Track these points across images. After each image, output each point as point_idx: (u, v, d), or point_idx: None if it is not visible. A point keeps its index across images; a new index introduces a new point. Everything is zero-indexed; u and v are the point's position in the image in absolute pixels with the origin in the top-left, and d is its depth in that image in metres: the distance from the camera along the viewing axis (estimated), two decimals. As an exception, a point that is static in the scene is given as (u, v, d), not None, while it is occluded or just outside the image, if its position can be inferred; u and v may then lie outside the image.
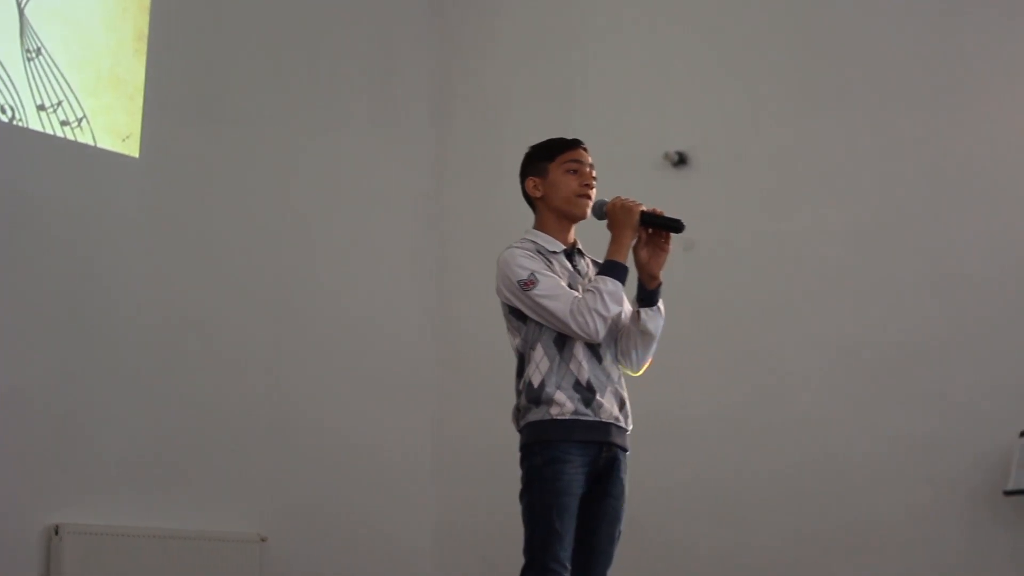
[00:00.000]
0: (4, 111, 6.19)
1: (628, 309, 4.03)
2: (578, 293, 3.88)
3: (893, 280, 6.61)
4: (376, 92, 7.90)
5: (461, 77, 8.21)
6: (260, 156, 7.18)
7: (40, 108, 6.32)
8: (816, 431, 6.66)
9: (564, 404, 3.82)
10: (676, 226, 3.97)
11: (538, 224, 4.06)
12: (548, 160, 4.04)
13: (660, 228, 3.98)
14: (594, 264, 4.09)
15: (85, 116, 6.48)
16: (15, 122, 6.21)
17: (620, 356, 4.02)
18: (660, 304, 4.00)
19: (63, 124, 6.40)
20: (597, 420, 3.87)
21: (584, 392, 3.86)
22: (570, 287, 3.91)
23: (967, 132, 6.55)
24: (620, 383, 4.00)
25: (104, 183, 6.50)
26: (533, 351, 3.89)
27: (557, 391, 3.83)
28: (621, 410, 3.96)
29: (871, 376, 6.57)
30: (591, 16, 7.78)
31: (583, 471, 3.84)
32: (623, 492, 3.97)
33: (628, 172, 6.90)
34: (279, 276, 7.17)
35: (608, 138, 7.21)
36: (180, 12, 6.92)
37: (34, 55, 6.32)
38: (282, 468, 6.97)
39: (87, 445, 6.21)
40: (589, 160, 4.05)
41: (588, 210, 4.01)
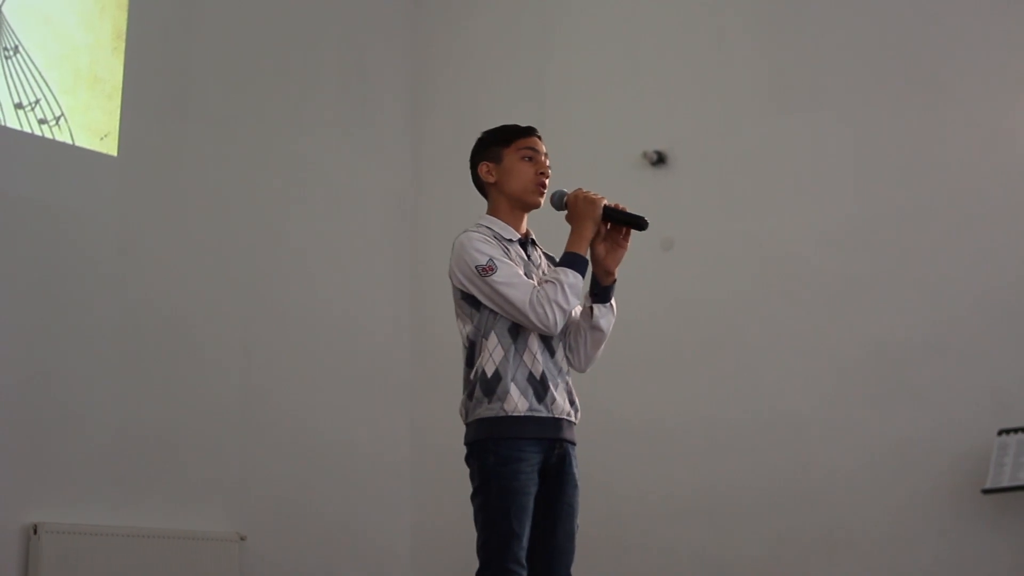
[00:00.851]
0: (-19, 109, 6.18)
1: (578, 306, 3.95)
2: (535, 283, 3.80)
3: (871, 281, 6.62)
4: (352, 91, 7.90)
5: (436, 77, 8.21)
6: (237, 155, 7.17)
7: (18, 106, 6.30)
8: (797, 432, 6.66)
9: (518, 399, 3.74)
10: (639, 223, 3.87)
11: (491, 210, 3.98)
12: (503, 145, 3.97)
13: (623, 224, 3.90)
14: (546, 256, 4.02)
15: (63, 115, 6.46)
16: (-8, 120, 6.20)
17: (568, 352, 3.93)
18: (613, 301, 3.94)
19: (41, 122, 6.38)
20: (550, 416, 3.79)
21: (537, 386, 3.78)
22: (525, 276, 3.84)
23: (944, 132, 6.56)
24: (569, 376, 3.92)
25: (82, 182, 6.49)
26: (486, 340, 3.79)
27: (512, 384, 3.74)
28: (571, 404, 3.89)
29: (849, 377, 6.58)
30: (567, 16, 7.79)
31: (536, 468, 3.77)
32: (576, 487, 3.88)
33: (606, 171, 6.93)
34: (257, 275, 7.17)
35: (586, 137, 7.23)
36: (158, 11, 6.92)
37: (11, 53, 6.30)
38: (261, 467, 6.97)
39: (65, 444, 6.19)
40: (544, 149, 3.98)
41: (542, 200, 3.94)
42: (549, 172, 3.96)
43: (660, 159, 7.21)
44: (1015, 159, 6.40)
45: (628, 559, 6.82)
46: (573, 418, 3.89)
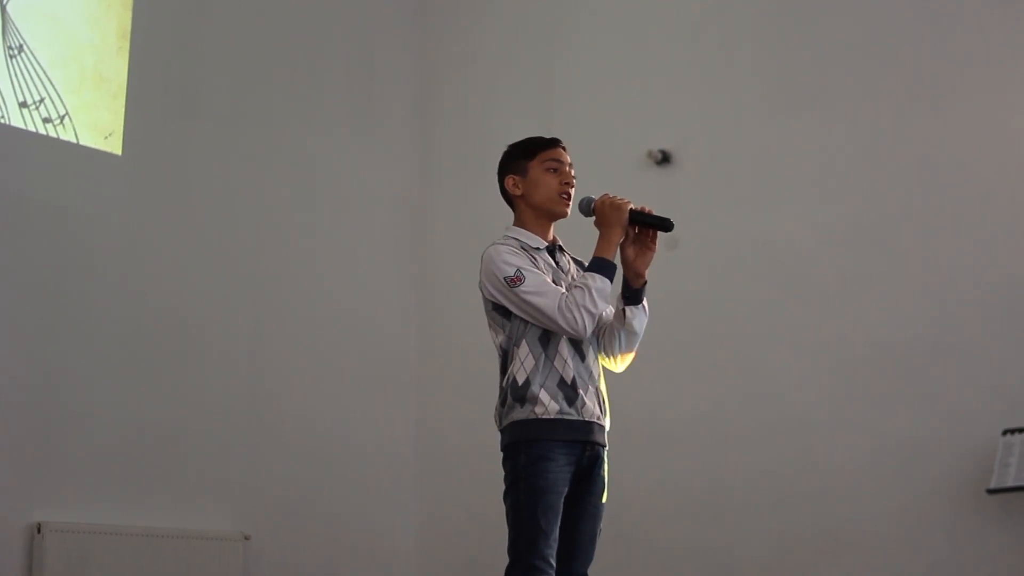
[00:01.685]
0: (-14, 108, 6.18)
1: (610, 308, 4.03)
2: (563, 289, 3.88)
3: (876, 280, 6.61)
4: (358, 90, 7.89)
5: (443, 75, 8.21)
6: (242, 154, 7.17)
7: (23, 105, 6.30)
8: (802, 431, 6.66)
9: (548, 403, 3.83)
10: (665, 225, 3.96)
11: (518, 222, 4.06)
12: (528, 158, 4.04)
13: (649, 227, 3.98)
14: (575, 262, 4.11)
15: (68, 113, 6.46)
16: (-3, 119, 6.20)
17: (603, 352, 4.03)
18: (645, 302, 4.01)
19: (46, 121, 6.38)
20: (580, 419, 3.87)
21: (568, 390, 3.86)
22: (554, 283, 3.91)
23: (948, 131, 6.55)
24: (600, 381, 4.01)
25: (87, 180, 6.49)
26: (518, 348, 3.89)
27: (541, 390, 3.83)
28: (602, 408, 3.97)
29: (855, 375, 6.58)
30: (574, 16, 7.78)
31: (567, 470, 3.85)
32: (603, 489, 3.98)
33: (611, 171, 6.91)
34: (263, 274, 7.17)
35: (591, 137, 7.22)
36: (163, 10, 6.91)
37: (16, 52, 6.30)
38: (265, 466, 6.97)
39: (70, 443, 6.19)
40: (568, 159, 4.06)
41: (568, 209, 4.03)
42: (574, 182, 4.04)
43: (665, 158, 7.21)
44: (1020, 158, 6.39)
45: (632, 557, 6.81)
46: (603, 421, 3.97)
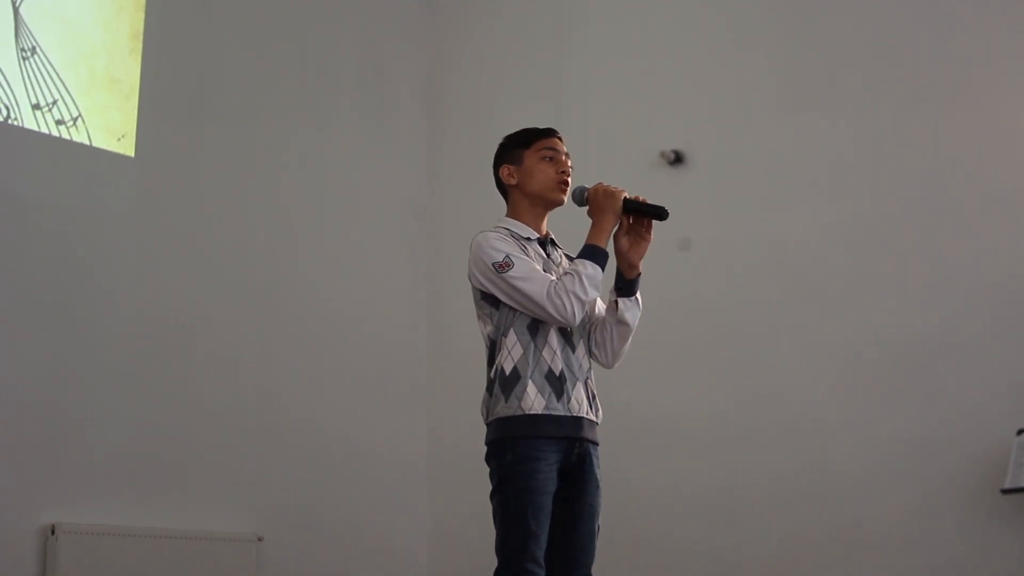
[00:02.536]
0: (-1, 110, 6.19)
1: (602, 303, 3.98)
2: (553, 277, 3.80)
3: (889, 279, 6.60)
4: (369, 90, 7.90)
5: (453, 76, 8.21)
6: (254, 155, 7.18)
7: (35, 107, 6.31)
8: (812, 431, 6.64)
9: (535, 398, 3.74)
10: (660, 213, 3.89)
11: (511, 212, 4.00)
12: (523, 148, 3.99)
13: (644, 215, 3.91)
14: (567, 257, 4.02)
15: (80, 115, 6.46)
16: (10, 121, 6.20)
17: (594, 348, 3.95)
18: (638, 295, 3.94)
19: (58, 123, 6.39)
20: (568, 415, 3.79)
21: (555, 383, 3.77)
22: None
23: (957, 130, 6.54)
24: (590, 375, 3.92)
25: (99, 182, 6.50)
26: (505, 337, 3.81)
27: (529, 382, 3.75)
28: (591, 403, 3.88)
29: (867, 375, 6.56)
30: (584, 16, 7.77)
31: (555, 467, 3.77)
32: (598, 487, 3.88)
33: (624, 171, 6.89)
34: (274, 276, 7.17)
35: (603, 136, 7.22)
36: (175, 11, 6.92)
37: (29, 54, 6.31)
38: (279, 468, 6.97)
39: (83, 444, 6.20)
40: (564, 149, 4.00)
41: (565, 197, 3.96)
42: (570, 171, 3.98)
43: (678, 159, 7.20)
44: (1031, 157, 6.39)
45: (641, 557, 6.80)
46: (594, 417, 3.88)
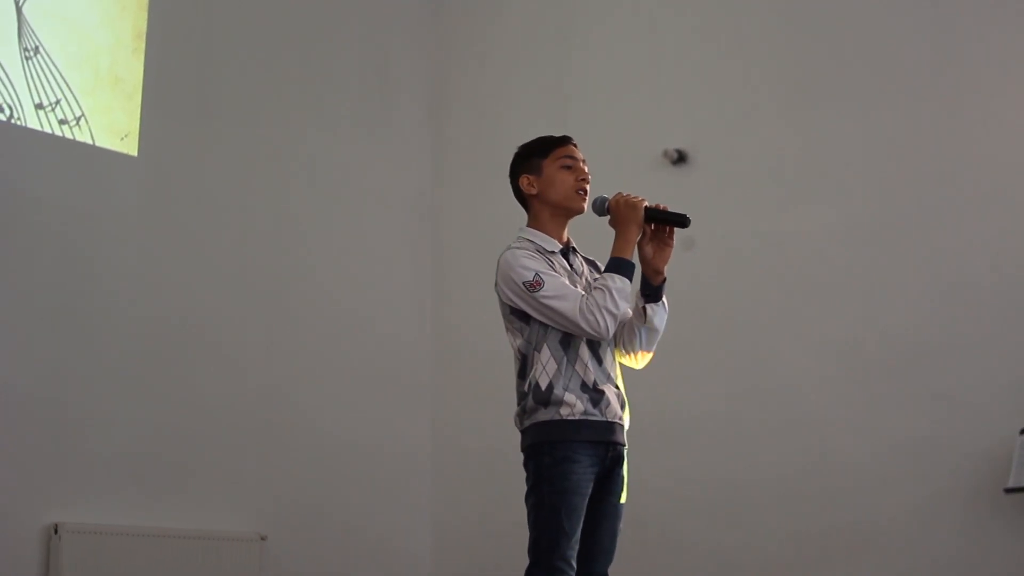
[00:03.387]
0: (2, 110, 6.18)
1: (629, 308, 4.03)
2: (581, 291, 3.87)
3: (893, 278, 6.60)
4: (373, 91, 7.90)
5: (457, 76, 8.21)
6: (258, 155, 7.18)
7: (38, 107, 6.31)
8: (816, 430, 6.65)
9: (574, 404, 3.82)
10: (682, 221, 3.96)
11: (532, 222, 4.04)
12: (542, 157, 4.02)
13: (666, 223, 3.97)
14: (587, 262, 4.09)
15: (83, 115, 6.47)
16: (13, 121, 6.20)
17: (623, 350, 4.02)
18: (664, 299, 4.01)
19: (61, 123, 6.40)
20: (604, 420, 3.87)
21: (592, 393, 3.85)
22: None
23: (968, 131, 6.54)
24: (619, 380, 4.00)
25: (103, 182, 6.50)
26: (539, 353, 3.87)
27: (566, 392, 3.82)
28: (622, 408, 3.97)
29: (871, 374, 6.56)
30: (587, 16, 7.77)
31: (591, 471, 3.85)
32: (623, 488, 3.98)
33: (626, 170, 6.90)
34: (277, 275, 7.17)
35: (606, 136, 7.21)
36: (178, 11, 6.92)
37: (32, 54, 6.32)
38: (282, 467, 6.97)
39: (86, 444, 6.20)
40: (581, 155, 4.04)
41: (585, 205, 4.01)
42: (589, 178, 4.02)
43: (681, 158, 7.19)
44: (1036, 156, 6.38)
45: (647, 554, 6.79)
46: (624, 421, 3.97)
